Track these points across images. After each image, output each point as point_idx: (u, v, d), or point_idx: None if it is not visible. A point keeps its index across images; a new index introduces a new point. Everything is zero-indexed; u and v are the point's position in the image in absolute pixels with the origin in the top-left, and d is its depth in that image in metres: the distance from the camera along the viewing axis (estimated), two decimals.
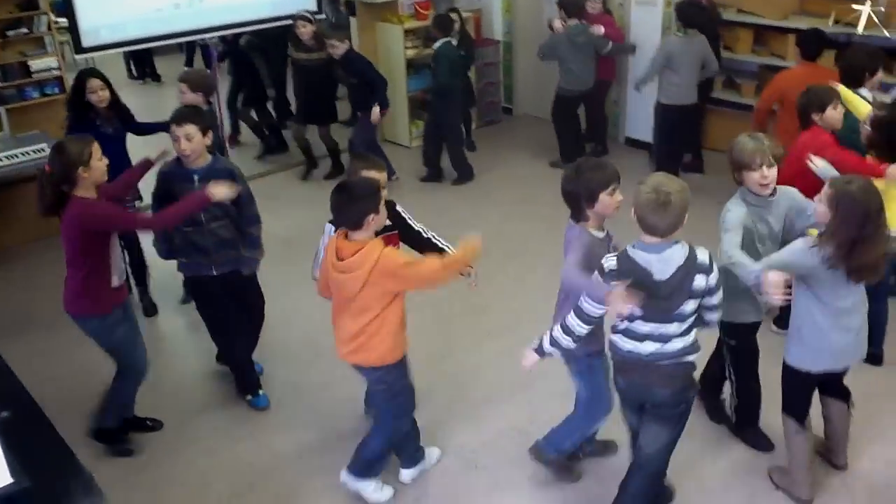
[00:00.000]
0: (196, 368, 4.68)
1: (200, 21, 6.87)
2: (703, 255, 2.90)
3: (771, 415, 3.72)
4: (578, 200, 3.11)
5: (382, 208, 3.16)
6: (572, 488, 3.66)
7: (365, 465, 3.55)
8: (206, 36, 6.92)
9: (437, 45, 6.80)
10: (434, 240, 3.65)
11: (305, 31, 6.72)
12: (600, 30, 6.73)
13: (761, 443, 3.81)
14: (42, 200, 3.52)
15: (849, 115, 4.26)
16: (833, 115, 4.13)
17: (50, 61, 6.09)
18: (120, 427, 4.04)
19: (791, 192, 3.46)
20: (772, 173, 3.26)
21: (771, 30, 6.50)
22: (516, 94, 8.76)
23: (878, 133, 3.90)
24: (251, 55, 7.58)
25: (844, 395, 3.55)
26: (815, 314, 3.17)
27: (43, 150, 5.66)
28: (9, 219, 6.12)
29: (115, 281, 3.72)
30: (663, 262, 2.85)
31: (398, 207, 3.63)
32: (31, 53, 6.04)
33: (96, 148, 3.55)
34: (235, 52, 7.59)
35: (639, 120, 7.49)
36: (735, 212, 3.31)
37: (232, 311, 4.19)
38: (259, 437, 4.10)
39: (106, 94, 4.78)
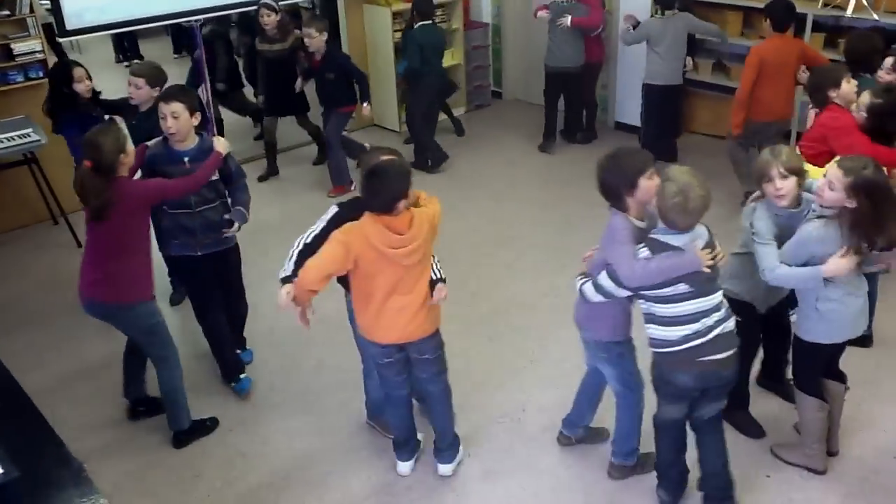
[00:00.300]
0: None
1: (186, 3, 6.78)
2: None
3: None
4: (618, 190, 3.06)
5: (411, 193, 3.18)
6: (565, 475, 3.67)
7: (452, 434, 3.69)
8: (192, 19, 6.82)
9: (415, 27, 6.74)
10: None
11: (269, 20, 6.43)
12: (567, 21, 6.67)
13: (752, 429, 3.83)
14: (94, 197, 3.41)
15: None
16: (847, 88, 4.18)
17: (34, 44, 5.98)
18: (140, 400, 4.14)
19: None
20: (786, 185, 3.20)
21: (760, 12, 6.45)
22: (505, 77, 8.71)
23: (871, 120, 3.91)
24: (215, 44, 7.40)
25: (842, 377, 3.60)
26: (830, 287, 3.20)
27: (28, 134, 5.59)
28: None
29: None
30: (696, 237, 2.95)
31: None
32: (13, 36, 5.93)
33: (126, 134, 3.61)
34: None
35: (628, 104, 7.46)
36: (764, 222, 3.28)
37: (216, 292, 4.21)
38: (250, 426, 4.09)
39: (90, 84, 4.77)
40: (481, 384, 4.25)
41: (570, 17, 6.65)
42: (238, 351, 4.45)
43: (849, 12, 5.76)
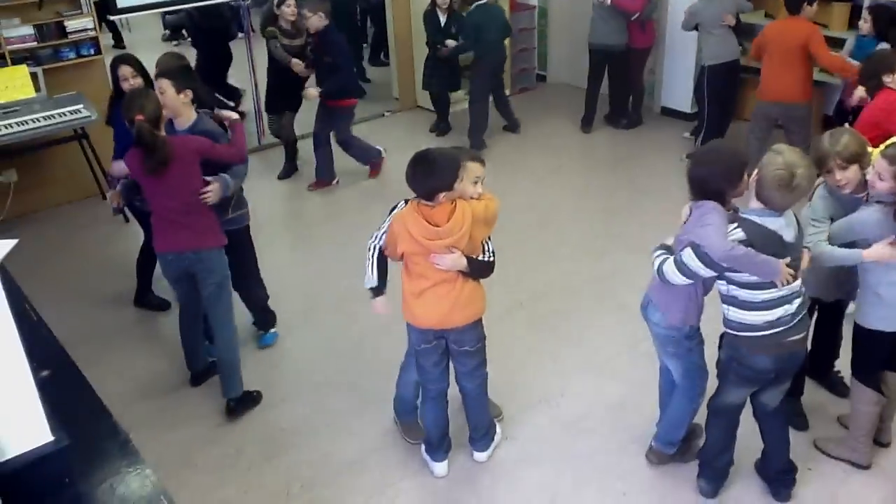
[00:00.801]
0: None
1: None
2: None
3: None
4: (722, 187, 2.91)
5: (461, 186, 3.11)
6: (602, 461, 3.65)
7: (487, 427, 3.66)
8: None
9: (472, 7, 6.76)
10: None
11: (290, 10, 6.18)
12: (606, 1, 6.66)
13: (799, 421, 3.77)
14: (159, 150, 3.52)
15: None
16: None
17: (86, 21, 6.08)
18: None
19: None
20: (847, 175, 3.13)
21: None
22: (551, 60, 8.64)
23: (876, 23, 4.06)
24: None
25: None
26: (892, 272, 3.15)
27: (79, 110, 5.70)
28: (46, 179, 6.19)
29: None
30: (789, 224, 2.90)
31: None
32: (67, 13, 6.04)
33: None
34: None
35: (675, 89, 7.36)
36: (823, 201, 3.25)
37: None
38: (291, 404, 4.15)
39: (139, 80, 4.41)
40: (520, 368, 4.25)
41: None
42: (261, 332, 4.58)
43: None
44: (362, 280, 3.40)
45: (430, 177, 3.06)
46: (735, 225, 2.89)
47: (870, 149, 3.24)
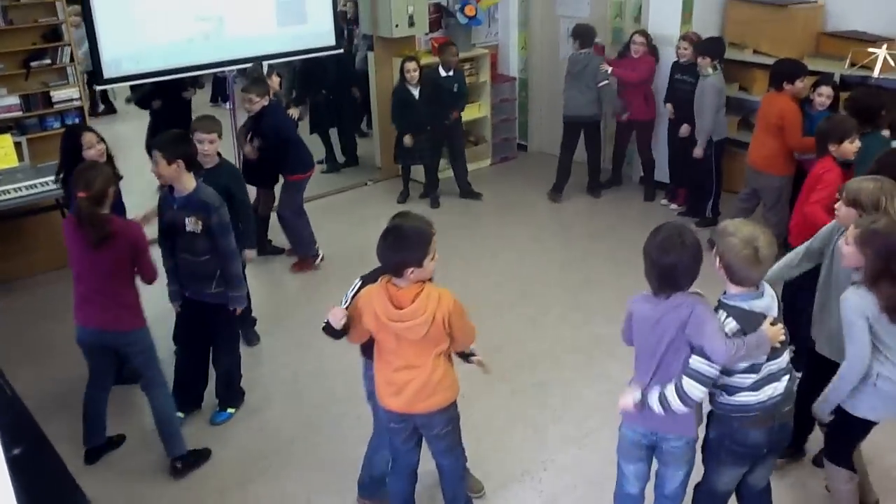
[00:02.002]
0: None
1: (222, 54, 6.95)
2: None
3: None
4: (691, 274, 2.85)
5: (429, 264, 3.01)
6: None
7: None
8: (227, 69, 6.98)
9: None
10: None
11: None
12: (606, 67, 6.86)
13: None
14: (96, 229, 3.60)
15: (869, 147, 4.39)
16: (849, 148, 4.29)
17: (72, 91, 6.15)
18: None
19: None
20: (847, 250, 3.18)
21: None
22: (531, 130, 8.79)
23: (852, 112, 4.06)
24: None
25: None
26: (888, 365, 3.12)
27: None
28: (27, 248, 6.14)
29: None
30: (772, 300, 2.91)
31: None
32: (53, 84, 6.11)
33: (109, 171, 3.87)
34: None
35: (659, 160, 7.49)
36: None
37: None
38: (270, 478, 4.07)
39: (102, 147, 4.49)
40: (502, 440, 4.21)
41: (606, 65, 6.83)
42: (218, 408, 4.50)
43: (876, 73, 5.77)
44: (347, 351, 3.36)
45: (400, 250, 2.97)
46: (724, 314, 2.86)
47: None
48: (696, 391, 2.86)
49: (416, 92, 7.03)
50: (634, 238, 3.01)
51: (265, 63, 6.60)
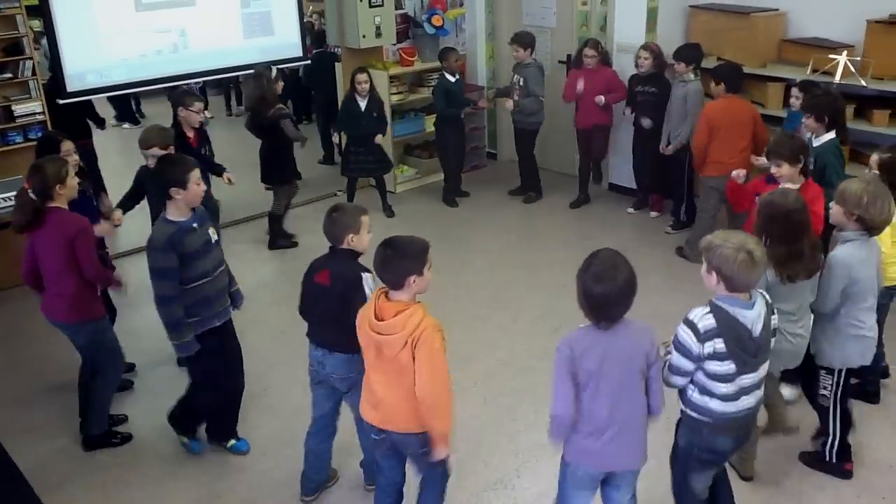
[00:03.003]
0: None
1: (187, 66, 6.91)
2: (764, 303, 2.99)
3: None
4: (626, 306, 2.84)
5: (427, 273, 3.01)
6: None
7: None
8: (192, 81, 6.94)
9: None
10: None
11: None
12: (601, 100, 6.92)
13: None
14: (21, 216, 3.80)
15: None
16: (789, 171, 4.25)
17: (34, 106, 6.07)
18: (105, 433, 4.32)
19: None
20: None
21: (750, 77, 6.59)
22: (500, 139, 8.83)
23: (883, 174, 4.01)
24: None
25: None
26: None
27: None
28: None
29: (99, 289, 4.12)
30: (759, 315, 2.91)
31: (365, 276, 3.41)
32: (14, 98, 6.02)
33: (71, 167, 3.93)
34: None
35: (622, 167, 7.55)
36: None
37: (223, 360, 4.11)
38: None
39: (76, 158, 4.45)
40: (475, 449, 4.20)
41: (603, 97, 6.91)
42: (233, 441, 4.27)
43: (837, 78, 5.87)
44: None
45: (403, 260, 2.95)
46: (707, 310, 2.89)
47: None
48: (678, 381, 3.02)
49: (363, 104, 6.96)
50: (607, 245, 3.01)
51: (273, 67, 6.63)
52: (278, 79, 6.51)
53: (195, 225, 3.72)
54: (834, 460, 3.84)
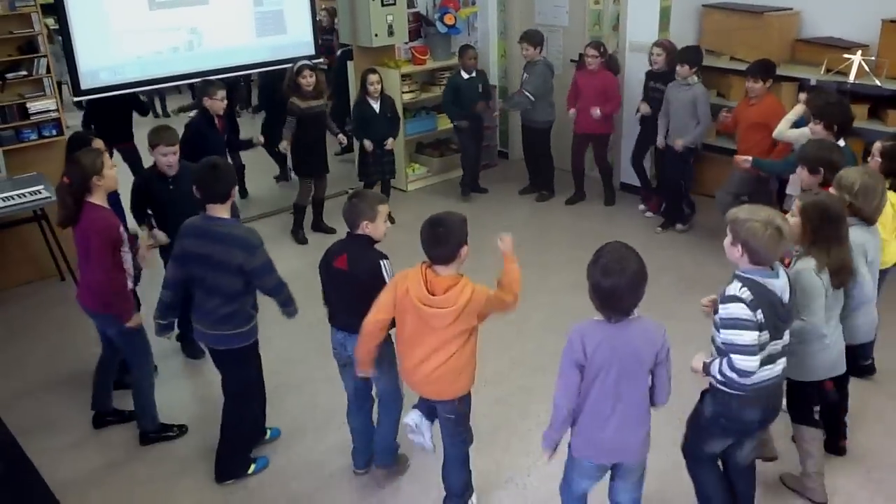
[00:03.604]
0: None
1: (200, 64, 6.94)
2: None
3: None
4: (637, 298, 2.88)
5: (465, 249, 3.26)
6: None
7: (458, 493, 3.66)
8: (206, 79, 6.95)
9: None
10: None
11: (311, 80, 6.47)
12: (596, 112, 6.90)
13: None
14: (63, 210, 3.89)
15: None
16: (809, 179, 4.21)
17: (48, 103, 6.10)
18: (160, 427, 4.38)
19: None
20: None
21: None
22: (512, 138, 8.83)
23: (885, 163, 4.14)
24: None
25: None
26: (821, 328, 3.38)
27: (39, 191, 5.67)
28: (3, 261, 6.09)
29: (130, 284, 4.09)
30: (784, 285, 2.96)
31: (384, 263, 3.54)
32: (29, 95, 6.05)
33: (107, 157, 3.95)
34: None
35: (621, 163, 7.54)
36: None
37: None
38: None
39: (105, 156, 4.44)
40: (486, 447, 4.19)
41: (598, 110, 6.89)
42: (268, 428, 4.32)
43: (851, 78, 5.84)
44: None
45: (451, 236, 3.19)
46: (740, 284, 2.91)
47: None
48: (750, 363, 2.89)
49: (376, 106, 6.89)
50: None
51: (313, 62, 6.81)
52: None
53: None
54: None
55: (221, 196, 3.63)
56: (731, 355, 2.91)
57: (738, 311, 2.88)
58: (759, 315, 2.88)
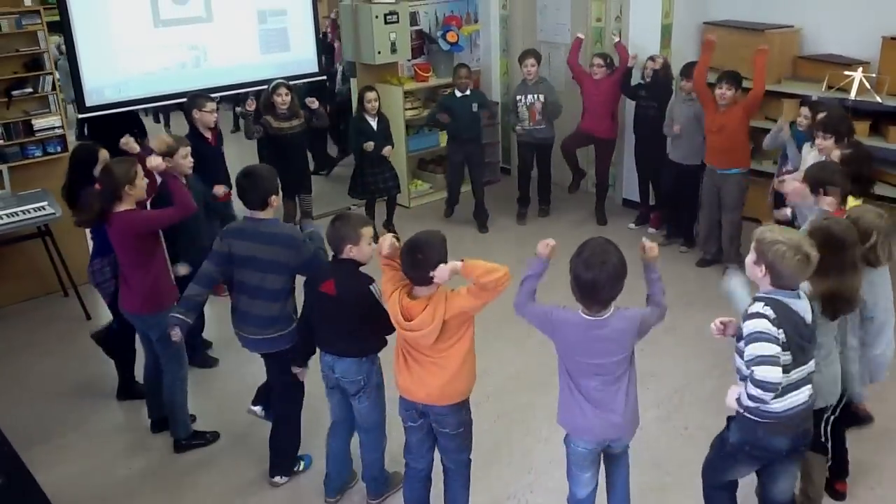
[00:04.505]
0: None
1: (204, 81, 6.98)
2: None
3: None
4: (615, 291, 3.04)
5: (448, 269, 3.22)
6: None
7: None
8: (193, 94, 6.98)
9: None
10: None
11: (284, 99, 6.40)
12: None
13: None
14: (86, 213, 3.98)
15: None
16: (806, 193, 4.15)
17: (53, 120, 6.14)
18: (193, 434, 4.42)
19: None
20: None
21: (764, 94, 6.59)
22: (513, 154, 8.82)
23: (848, 167, 4.06)
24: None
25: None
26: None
27: (43, 208, 5.70)
28: (7, 276, 6.11)
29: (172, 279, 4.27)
30: (806, 307, 2.93)
31: (373, 287, 3.52)
32: (34, 112, 6.09)
33: (139, 168, 3.98)
34: None
35: (635, 182, 7.55)
36: None
37: None
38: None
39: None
40: (489, 463, 4.19)
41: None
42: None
43: (852, 94, 5.86)
44: None
45: (429, 259, 3.14)
46: (763, 303, 2.87)
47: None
48: (774, 374, 2.80)
49: (373, 123, 6.86)
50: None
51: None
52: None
53: None
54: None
55: (258, 203, 3.69)
56: (754, 368, 2.81)
57: (762, 325, 2.84)
58: (782, 334, 2.83)
